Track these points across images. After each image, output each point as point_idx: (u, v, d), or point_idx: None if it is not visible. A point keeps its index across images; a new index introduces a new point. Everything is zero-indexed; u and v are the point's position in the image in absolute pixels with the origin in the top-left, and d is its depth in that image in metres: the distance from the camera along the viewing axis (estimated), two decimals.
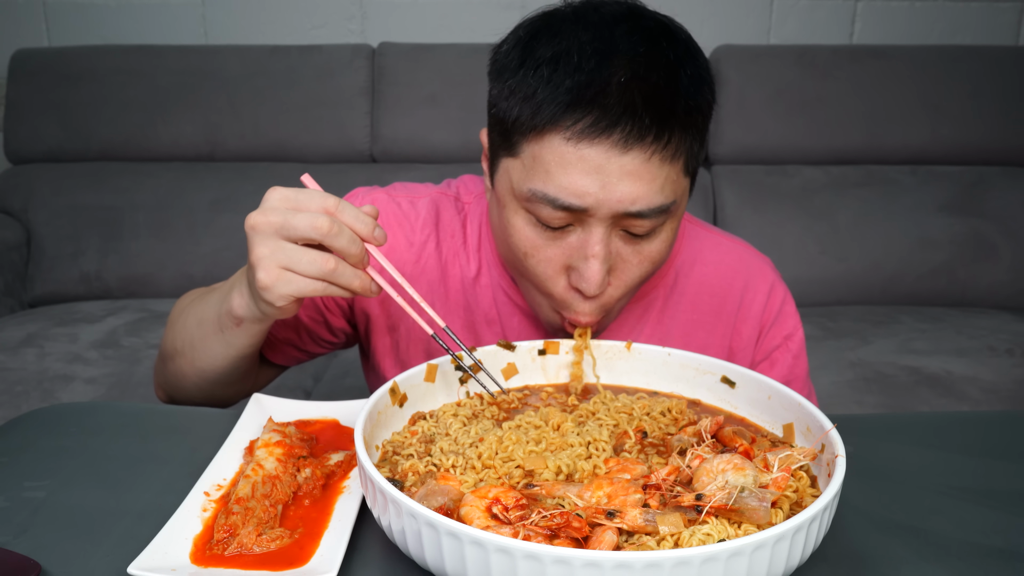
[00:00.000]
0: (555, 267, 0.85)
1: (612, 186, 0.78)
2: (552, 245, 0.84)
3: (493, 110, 0.85)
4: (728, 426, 0.73)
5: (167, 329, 0.99)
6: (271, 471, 0.70)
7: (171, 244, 2.37)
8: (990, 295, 2.35)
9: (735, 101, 2.43)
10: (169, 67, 2.46)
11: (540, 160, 0.79)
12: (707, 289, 1.03)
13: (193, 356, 0.92)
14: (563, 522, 0.57)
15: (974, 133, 2.45)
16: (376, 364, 1.06)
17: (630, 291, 0.89)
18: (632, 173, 0.78)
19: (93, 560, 0.63)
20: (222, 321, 0.86)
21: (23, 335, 2.03)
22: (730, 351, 1.04)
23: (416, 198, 1.02)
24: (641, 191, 0.78)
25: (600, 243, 0.81)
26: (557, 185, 0.79)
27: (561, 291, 0.86)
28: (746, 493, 0.58)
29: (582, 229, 0.82)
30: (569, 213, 0.80)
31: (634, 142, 0.77)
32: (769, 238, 2.31)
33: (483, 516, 0.60)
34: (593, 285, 0.82)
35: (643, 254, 0.85)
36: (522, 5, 2.59)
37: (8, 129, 2.49)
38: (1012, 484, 0.76)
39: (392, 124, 2.46)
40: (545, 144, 0.79)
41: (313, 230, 0.73)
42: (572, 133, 0.77)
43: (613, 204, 0.79)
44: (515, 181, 0.83)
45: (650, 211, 0.80)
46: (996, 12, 2.65)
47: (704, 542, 0.55)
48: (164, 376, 1.00)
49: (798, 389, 1.03)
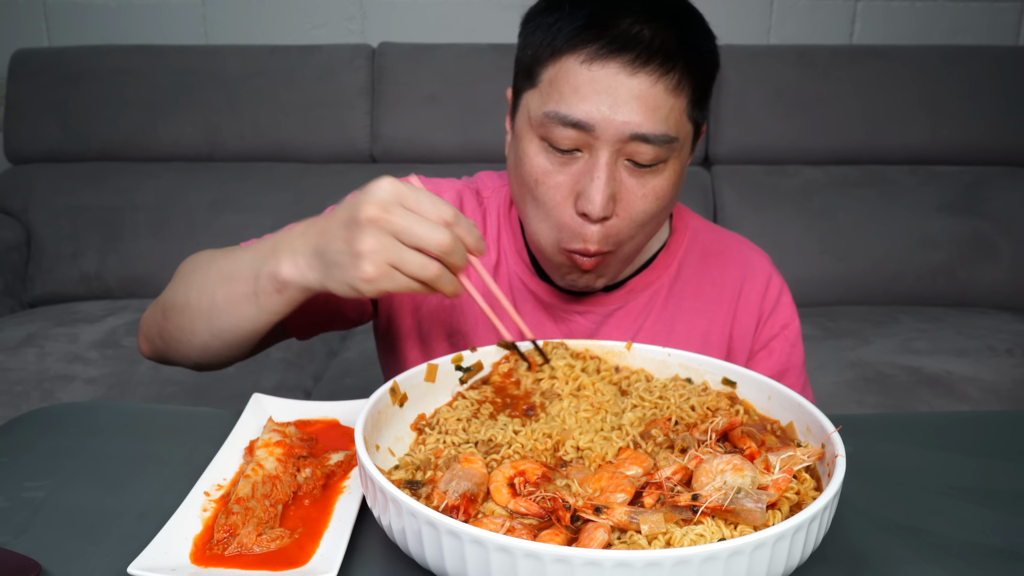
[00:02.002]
0: (563, 193, 0.90)
1: (619, 107, 0.85)
2: (561, 171, 0.89)
3: (519, 54, 0.95)
4: (741, 426, 0.72)
5: (174, 285, 0.93)
6: (271, 471, 0.70)
7: (171, 244, 2.37)
8: (990, 295, 2.35)
9: (735, 101, 2.43)
10: (169, 67, 2.46)
11: (556, 83, 0.88)
12: (708, 279, 1.07)
13: (212, 315, 0.87)
14: (552, 507, 0.60)
15: (974, 133, 2.45)
16: (397, 346, 1.07)
17: (635, 229, 0.92)
18: (638, 97, 0.85)
19: (93, 560, 0.63)
20: (260, 285, 0.82)
21: (23, 335, 2.03)
22: (730, 338, 1.07)
23: (441, 190, 1.08)
24: (646, 115, 0.85)
25: (605, 166, 0.87)
26: (569, 104, 0.86)
27: (568, 218, 0.90)
28: (742, 494, 0.58)
29: (589, 155, 0.88)
30: (578, 133, 0.86)
31: (640, 66, 0.85)
32: (769, 238, 2.31)
33: (503, 487, 0.64)
34: (598, 205, 0.86)
35: (647, 187, 0.90)
36: (522, 5, 2.59)
37: (8, 129, 2.49)
38: (1012, 484, 0.76)
39: (392, 124, 2.46)
40: (561, 67, 0.87)
41: (435, 245, 0.72)
42: (585, 56, 0.86)
43: (619, 125, 0.85)
44: (532, 110, 0.90)
45: (654, 137, 0.86)
46: (996, 12, 2.65)
47: (695, 543, 0.56)
48: (161, 330, 0.95)
49: (795, 378, 1.08)
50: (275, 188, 2.41)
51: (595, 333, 1.05)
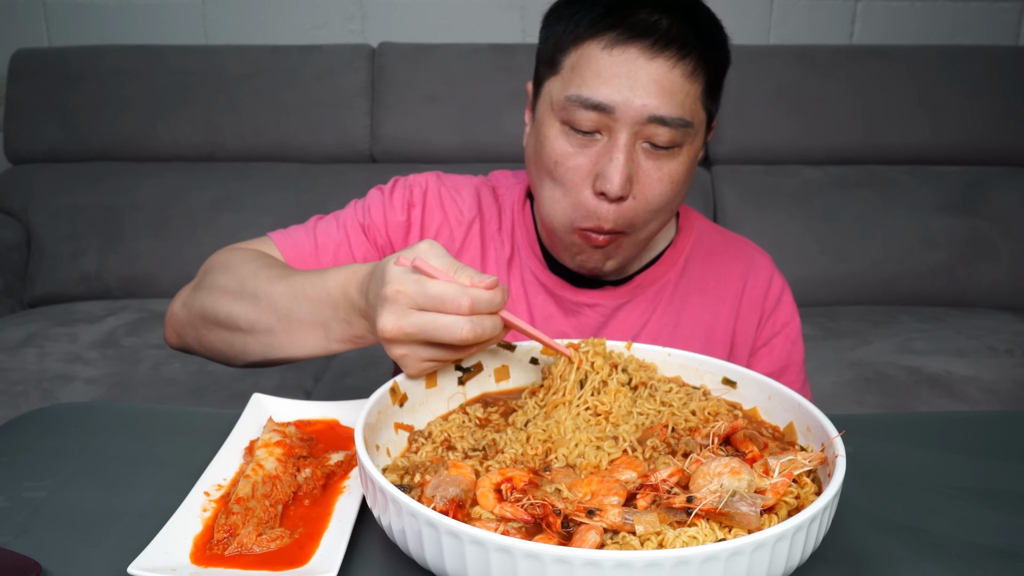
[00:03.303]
0: (581, 174, 0.93)
1: (638, 90, 0.89)
2: (581, 153, 0.93)
3: (541, 46, 1.00)
4: (743, 430, 0.72)
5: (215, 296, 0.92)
6: (271, 471, 0.70)
7: (171, 244, 2.37)
8: (990, 295, 2.35)
9: (735, 101, 2.43)
10: (169, 67, 2.46)
11: (577, 68, 0.92)
12: (713, 276, 1.11)
13: (270, 344, 0.88)
14: (542, 513, 0.60)
15: (974, 133, 2.45)
16: None
17: (650, 214, 0.95)
18: (656, 80, 0.89)
19: (93, 560, 0.63)
20: (335, 334, 0.84)
21: (23, 335, 2.03)
22: (733, 334, 1.10)
23: (460, 186, 1.12)
24: (663, 99, 0.90)
25: (624, 146, 0.91)
26: (591, 88, 0.90)
27: (585, 198, 0.94)
28: (737, 497, 0.58)
29: (609, 137, 0.92)
30: (599, 116, 0.90)
31: (659, 51, 0.89)
32: (769, 238, 2.31)
33: (489, 493, 0.63)
34: (616, 184, 0.90)
35: (663, 171, 0.93)
36: (522, 5, 2.59)
37: (8, 129, 2.49)
38: (1012, 484, 0.76)
39: (392, 124, 2.46)
40: (583, 53, 0.92)
41: (458, 341, 0.71)
42: (606, 42, 0.90)
43: (638, 108, 0.89)
44: (554, 95, 0.94)
45: (671, 119, 0.90)
46: (996, 12, 2.65)
47: (687, 544, 0.55)
48: (201, 337, 0.96)
49: (794, 375, 1.12)
50: (275, 188, 2.41)
51: (604, 326, 1.08)
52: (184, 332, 0.99)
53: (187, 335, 0.98)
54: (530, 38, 2.62)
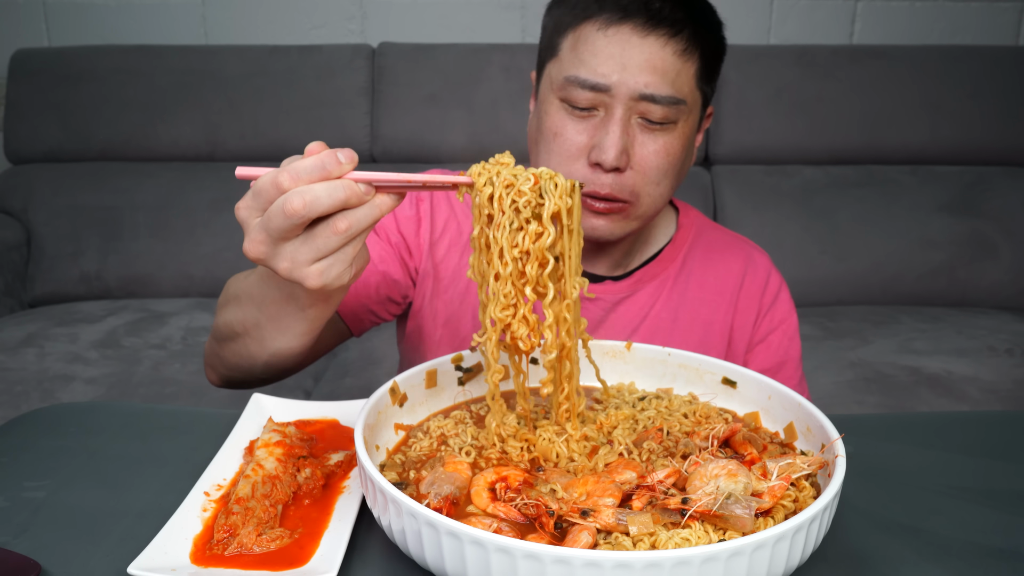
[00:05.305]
0: (578, 147, 0.98)
1: (630, 68, 0.94)
2: (578, 128, 0.98)
3: (542, 36, 1.05)
4: (742, 432, 0.72)
5: (222, 314, 0.93)
6: (271, 471, 0.70)
7: (171, 244, 2.37)
8: (990, 295, 2.35)
9: (735, 101, 2.43)
10: (169, 67, 2.46)
11: (575, 50, 0.97)
12: (711, 272, 1.13)
13: (263, 338, 0.87)
14: (536, 513, 0.60)
15: (974, 133, 2.45)
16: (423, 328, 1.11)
17: (649, 185, 0.98)
18: (649, 58, 0.94)
19: (93, 560, 0.63)
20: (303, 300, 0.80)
21: (23, 335, 2.03)
22: (731, 329, 1.12)
23: None
24: (654, 77, 0.94)
25: (619, 120, 0.95)
26: (588, 67, 0.95)
27: (580, 168, 0.98)
28: (732, 500, 0.58)
29: (605, 112, 0.96)
30: (594, 93, 0.95)
31: (651, 28, 0.94)
32: (769, 238, 2.31)
33: (483, 491, 0.63)
34: (610, 155, 0.94)
35: (658, 143, 0.97)
36: (522, 5, 2.59)
37: (8, 129, 2.49)
38: (1012, 484, 0.76)
39: (392, 124, 2.46)
40: (580, 35, 0.97)
41: (293, 217, 0.65)
42: (601, 23, 0.95)
43: (631, 85, 0.94)
44: (554, 76, 0.99)
45: (661, 98, 0.94)
46: (996, 12, 2.65)
47: (680, 546, 0.55)
48: (222, 359, 0.96)
49: (791, 371, 1.13)
50: None
51: (604, 319, 1.09)
52: (213, 363, 1.00)
53: (215, 364, 0.99)
54: (530, 38, 2.62)
